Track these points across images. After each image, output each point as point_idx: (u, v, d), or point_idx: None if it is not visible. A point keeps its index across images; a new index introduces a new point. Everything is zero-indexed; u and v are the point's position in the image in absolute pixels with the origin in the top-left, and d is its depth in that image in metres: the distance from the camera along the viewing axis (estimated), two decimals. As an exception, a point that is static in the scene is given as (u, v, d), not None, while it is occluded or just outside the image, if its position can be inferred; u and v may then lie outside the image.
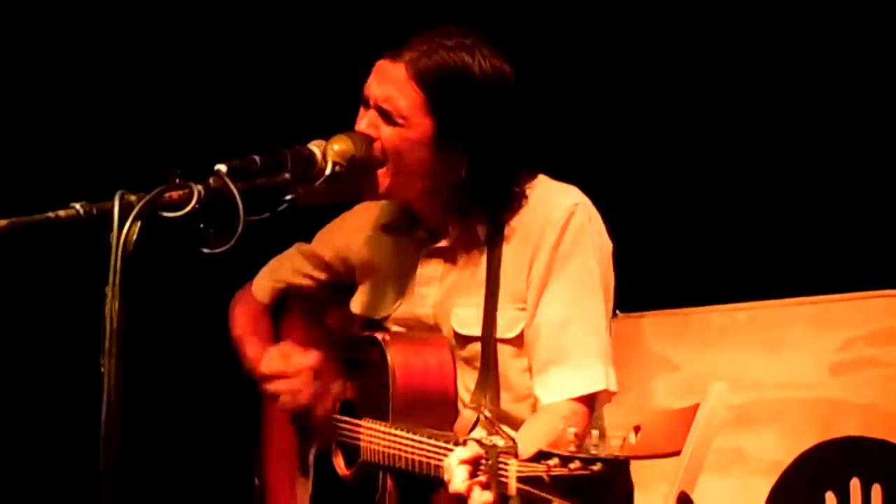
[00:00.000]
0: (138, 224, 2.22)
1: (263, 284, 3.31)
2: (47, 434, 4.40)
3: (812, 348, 3.93)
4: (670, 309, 4.23)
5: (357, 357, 3.02)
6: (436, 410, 2.88)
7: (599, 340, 2.88)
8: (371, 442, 2.87)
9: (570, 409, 2.84)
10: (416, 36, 2.85)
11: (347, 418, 3.01)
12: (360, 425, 2.93)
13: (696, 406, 3.03)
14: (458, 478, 2.43)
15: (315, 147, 2.66)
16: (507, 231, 2.91)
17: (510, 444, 2.35)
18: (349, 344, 3.09)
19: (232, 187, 2.39)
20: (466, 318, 2.94)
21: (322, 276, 3.25)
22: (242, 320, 3.29)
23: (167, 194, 2.32)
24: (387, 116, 2.82)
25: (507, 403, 2.92)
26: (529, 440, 2.52)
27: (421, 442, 2.68)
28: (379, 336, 2.96)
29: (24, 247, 2.23)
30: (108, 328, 2.15)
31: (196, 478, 4.54)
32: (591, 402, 2.88)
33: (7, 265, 3.64)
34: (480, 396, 2.87)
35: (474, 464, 2.42)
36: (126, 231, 2.20)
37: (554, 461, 2.21)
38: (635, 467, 3.16)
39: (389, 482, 2.86)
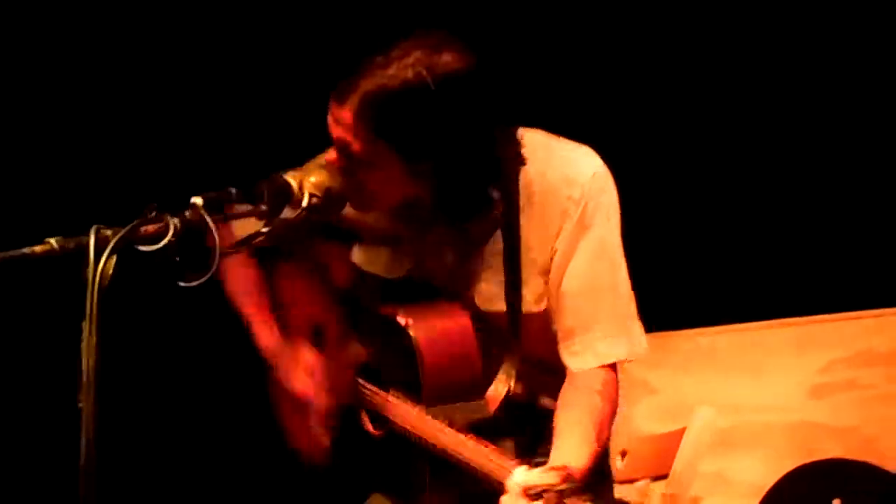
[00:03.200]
0: (114, 258, 2.20)
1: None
2: (25, 470, 4.38)
3: (792, 371, 3.94)
4: (649, 332, 4.23)
5: (373, 325, 2.97)
6: (465, 387, 2.84)
7: (625, 306, 2.86)
8: (405, 420, 2.84)
9: (601, 379, 2.82)
10: (361, 66, 2.65)
11: (373, 387, 2.98)
12: (388, 399, 2.91)
13: (683, 430, 3.04)
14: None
15: (292, 178, 2.64)
16: (523, 199, 2.83)
17: (575, 484, 2.38)
18: (364, 312, 3.02)
19: (208, 220, 2.37)
20: (489, 294, 2.88)
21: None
22: (238, 285, 3.16)
23: (143, 228, 2.31)
24: (350, 159, 2.70)
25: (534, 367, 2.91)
26: (578, 438, 2.66)
27: (469, 450, 2.67)
28: (402, 320, 2.87)
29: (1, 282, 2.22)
30: (85, 363, 2.14)
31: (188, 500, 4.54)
32: (616, 366, 2.87)
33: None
34: (509, 370, 2.87)
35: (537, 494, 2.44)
36: (102, 265, 2.18)
37: None
38: (621, 492, 3.18)
39: (422, 462, 2.84)
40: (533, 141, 2.86)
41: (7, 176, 4.33)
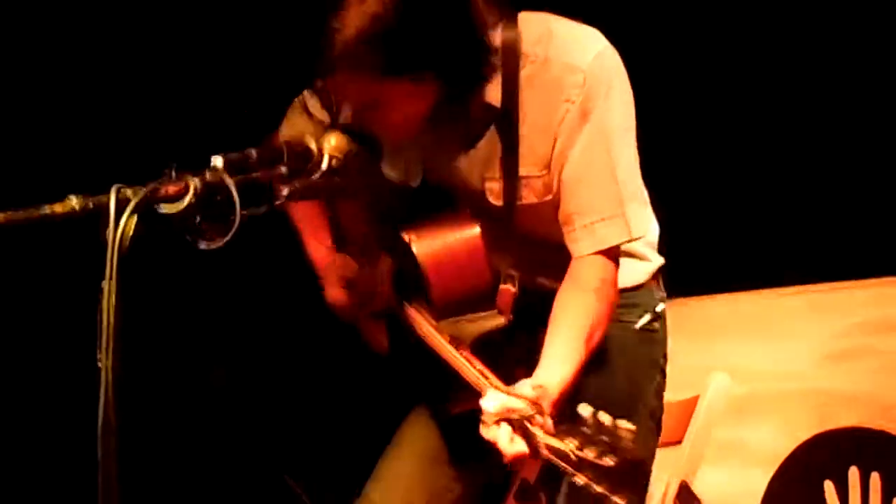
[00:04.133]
0: (135, 218, 2.20)
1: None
2: (45, 429, 4.40)
3: (809, 338, 3.94)
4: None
5: (397, 240, 3.03)
6: (473, 299, 2.89)
7: (625, 189, 2.84)
8: (420, 329, 2.94)
9: (599, 276, 2.83)
10: (325, 30, 2.64)
11: (400, 296, 3.06)
12: (408, 309, 3.00)
13: (697, 397, 3.04)
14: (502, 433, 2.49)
15: (311, 141, 2.64)
16: (525, 89, 2.80)
17: (536, 408, 2.44)
18: (395, 225, 3.08)
19: (228, 181, 2.36)
20: (499, 191, 2.90)
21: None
22: (306, 223, 3.29)
23: (163, 188, 2.30)
24: (364, 107, 2.72)
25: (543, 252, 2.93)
26: (565, 349, 2.70)
27: (462, 363, 2.75)
28: (406, 237, 2.94)
29: (20, 241, 2.22)
30: (105, 323, 2.14)
31: (196, 474, 4.54)
32: (617, 252, 2.88)
33: (3, 260, 3.63)
34: (510, 271, 2.92)
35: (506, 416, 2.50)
36: (122, 225, 2.18)
37: (574, 443, 2.32)
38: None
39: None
40: (534, 26, 2.83)
41: (29, 136, 4.34)
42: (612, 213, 2.83)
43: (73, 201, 2.20)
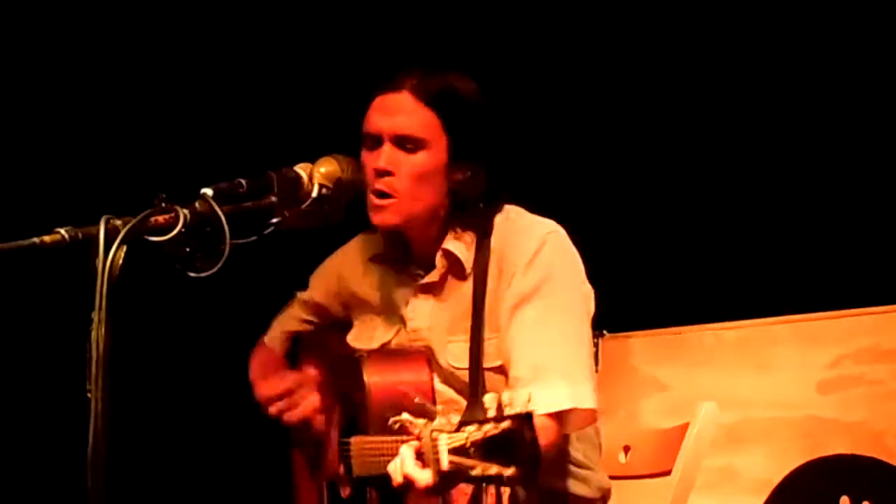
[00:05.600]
0: (124, 249, 2.20)
1: (273, 335, 3.44)
2: (34, 460, 4.38)
3: (799, 367, 3.93)
4: (658, 329, 4.23)
5: (353, 381, 3.07)
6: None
7: (571, 359, 2.88)
8: (357, 456, 2.90)
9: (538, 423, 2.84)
10: (404, 70, 2.94)
11: (346, 439, 3.06)
12: (349, 443, 2.97)
13: (686, 425, 3.04)
14: (405, 461, 2.41)
15: (301, 170, 2.65)
16: (490, 262, 2.97)
17: (443, 420, 2.33)
18: (348, 370, 3.14)
19: (218, 211, 2.38)
20: (458, 352, 2.98)
21: (319, 319, 3.37)
22: (256, 368, 3.40)
23: (153, 218, 2.32)
24: (405, 144, 2.90)
25: None
26: None
27: (384, 442, 2.70)
28: (357, 355, 3.02)
29: (9, 272, 2.22)
30: (95, 353, 2.14)
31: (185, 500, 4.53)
32: (560, 418, 2.84)
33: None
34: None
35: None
36: (112, 256, 2.19)
37: (472, 427, 2.23)
38: (626, 487, 3.18)
39: (373, 494, 2.91)
40: (502, 214, 3.05)
41: (18, 166, 4.33)
42: (558, 384, 2.83)
43: (63, 232, 2.21)
